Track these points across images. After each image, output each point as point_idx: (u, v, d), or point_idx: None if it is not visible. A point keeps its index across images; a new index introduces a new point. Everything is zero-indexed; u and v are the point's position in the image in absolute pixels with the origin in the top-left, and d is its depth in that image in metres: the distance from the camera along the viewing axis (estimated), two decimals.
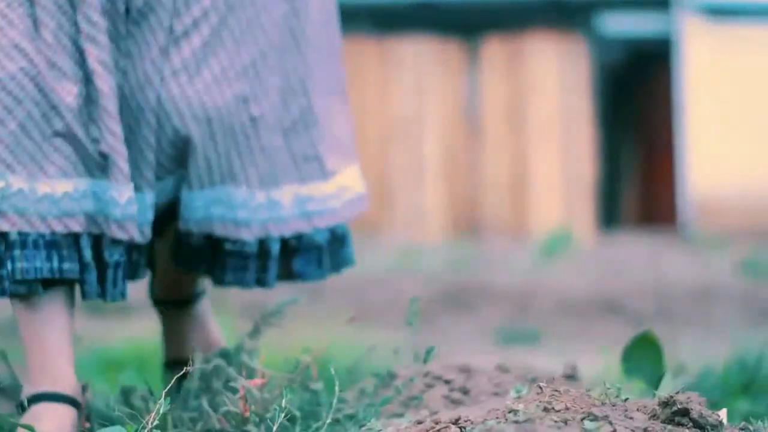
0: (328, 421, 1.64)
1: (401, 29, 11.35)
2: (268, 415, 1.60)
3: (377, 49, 11.35)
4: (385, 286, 6.60)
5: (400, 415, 1.77)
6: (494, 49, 11.34)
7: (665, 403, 1.53)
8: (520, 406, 1.48)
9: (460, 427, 1.48)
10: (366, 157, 11.13)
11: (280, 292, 2.49)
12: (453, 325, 5.93)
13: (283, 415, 1.54)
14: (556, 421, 1.43)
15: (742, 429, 1.61)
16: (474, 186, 11.21)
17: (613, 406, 1.49)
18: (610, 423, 1.43)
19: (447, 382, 1.89)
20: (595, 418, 1.44)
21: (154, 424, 1.46)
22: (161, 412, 1.47)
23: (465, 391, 1.88)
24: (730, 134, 11.03)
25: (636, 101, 13.21)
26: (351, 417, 1.76)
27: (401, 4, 11.44)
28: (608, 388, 1.55)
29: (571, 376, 2.03)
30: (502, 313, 6.23)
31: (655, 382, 2.35)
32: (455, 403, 1.84)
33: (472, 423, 1.46)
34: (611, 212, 12.13)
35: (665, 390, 2.23)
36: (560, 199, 11.17)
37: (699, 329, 5.62)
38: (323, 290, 6.38)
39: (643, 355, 2.34)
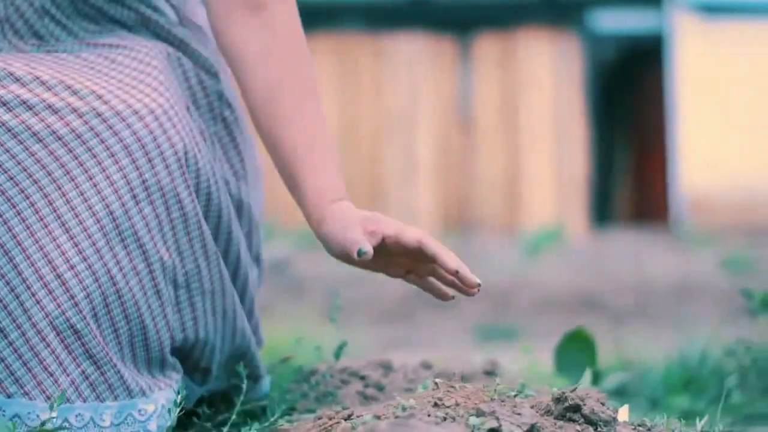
0: (233, 417, 1.66)
1: (395, 26, 11.37)
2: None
3: (371, 46, 11.37)
4: (367, 283, 6.62)
5: (312, 411, 1.79)
6: (487, 47, 11.36)
7: (558, 399, 1.55)
8: (411, 402, 1.50)
9: (355, 423, 1.50)
10: (359, 154, 11.15)
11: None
12: (432, 322, 5.95)
13: (179, 410, 1.56)
14: (443, 417, 1.45)
15: (639, 425, 1.63)
16: (466, 183, 11.23)
17: (502, 402, 1.51)
18: (497, 419, 1.44)
19: (362, 378, 1.91)
20: (482, 414, 1.45)
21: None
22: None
23: (380, 388, 1.89)
24: (722, 131, 11.04)
25: (629, 98, 13.22)
26: (263, 412, 1.79)
27: (395, 2, 11.46)
28: (498, 384, 1.57)
29: (490, 372, 2.05)
30: (482, 309, 6.25)
31: (588, 379, 2.37)
32: (368, 399, 1.86)
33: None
34: (604, 209, 12.15)
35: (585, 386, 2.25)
36: (553, 196, 11.19)
37: (676, 325, 5.63)
38: (303, 287, 6.41)
39: (576, 352, 2.36)
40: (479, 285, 1.64)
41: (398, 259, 1.65)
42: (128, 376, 1.59)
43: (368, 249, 1.59)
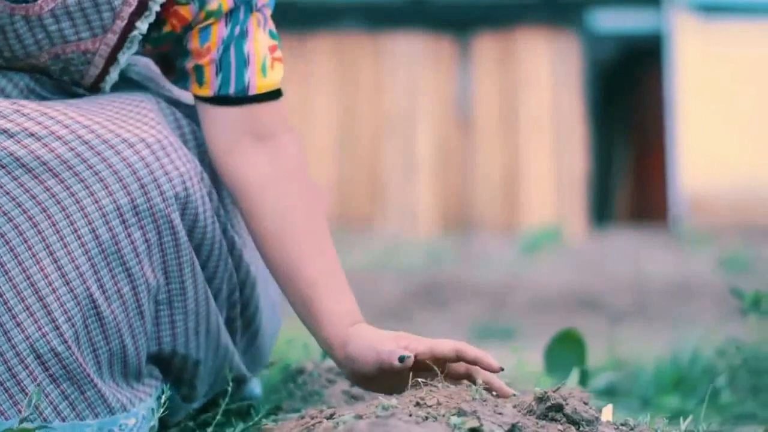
0: (218, 417, 1.67)
1: (394, 26, 11.38)
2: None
3: (370, 45, 11.37)
4: (363, 282, 6.62)
5: (298, 410, 1.80)
6: (486, 46, 11.36)
7: (540, 399, 1.56)
8: (393, 402, 1.51)
9: (337, 422, 1.50)
10: (358, 153, 11.16)
11: None
12: (428, 321, 5.96)
13: (161, 410, 1.57)
14: (425, 416, 1.45)
15: (622, 425, 1.63)
16: (466, 182, 11.23)
17: (484, 401, 1.51)
18: (478, 418, 1.45)
19: None
20: (463, 414, 1.46)
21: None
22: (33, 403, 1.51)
23: None
24: (721, 130, 11.04)
25: (627, 98, 13.22)
26: (249, 412, 1.80)
27: (394, 2, 11.46)
28: (480, 384, 1.57)
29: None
30: (479, 309, 6.25)
31: (575, 379, 2.38)
32: (354, 398, 1.87)
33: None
34: (603, 209, 12.15)
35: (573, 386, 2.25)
36: (552, 195, 11.19)
37: (673, 325, 5.64)
38: None
39: (565, 353, 2.36)
40: (514, 395, 1.64)
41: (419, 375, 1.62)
42: (109, 394, 1.61)
43: (410, 354, 1.58)
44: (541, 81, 11.25)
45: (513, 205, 11.20)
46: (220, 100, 1.73)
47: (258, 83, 1.73)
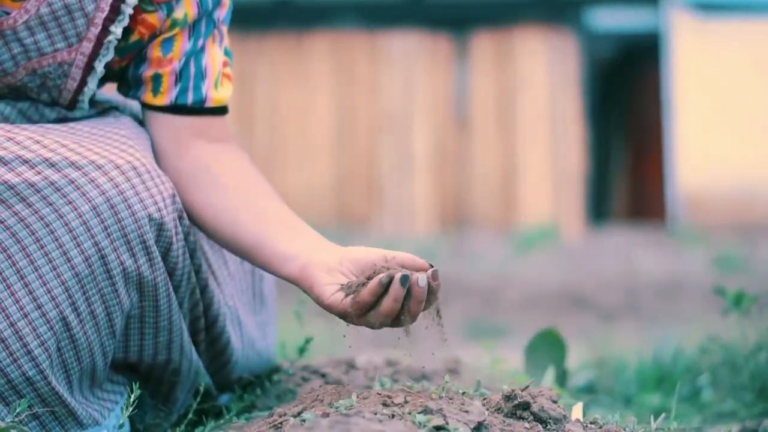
0: (190, 415, 1.68)
1: (391, 24, 11.38)
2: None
3: (367, 44, 11.37)
4: None
5: (270, 408, 1.80)
6: (483, 45, 11.36)
7: (508, 397, 1.56)
8: (354, 400, 1.51)
9: (301, 420, 1.51)
10: (355, 151, 11.16)
11: None
12: (419, 319, 5.95)
13: (130, 409, 1.57)
14: (390, 415, 1.46)
15: (591, 423, 1.64)
16: (463, 180, 11.23)
17: (451, 399, 1.52)
18: (443, 416, 1.45)
19: (323, 375, 1.92)
20: (429, 411, 1.46)
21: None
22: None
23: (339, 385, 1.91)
24: (719, 129, 11.04)
25: (625, 96, 13.22)
26: (221, 410, 1.80)
27: (392, 0, 11.46)
28: (446, 382, 1.58)
29: (453, 370, 2.06)
30: (471, 306, 6.25)
31: (557, 378, 2.38)
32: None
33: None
34: (600, 207, 12.15)
35: (548, 384, 2.25)
36: (549, 193, 11.19)
37: (664, 323, 5.64)
38: (290, 286, 6.42)
39: (545, 352, 2.36)
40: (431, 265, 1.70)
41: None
42: (80, 410, 1.63)
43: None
44: (538, 79, 11.25)
45: (510, 203, 11.20)
46: (176, 109, 1.77)
47: (213, 96, 1.80)
